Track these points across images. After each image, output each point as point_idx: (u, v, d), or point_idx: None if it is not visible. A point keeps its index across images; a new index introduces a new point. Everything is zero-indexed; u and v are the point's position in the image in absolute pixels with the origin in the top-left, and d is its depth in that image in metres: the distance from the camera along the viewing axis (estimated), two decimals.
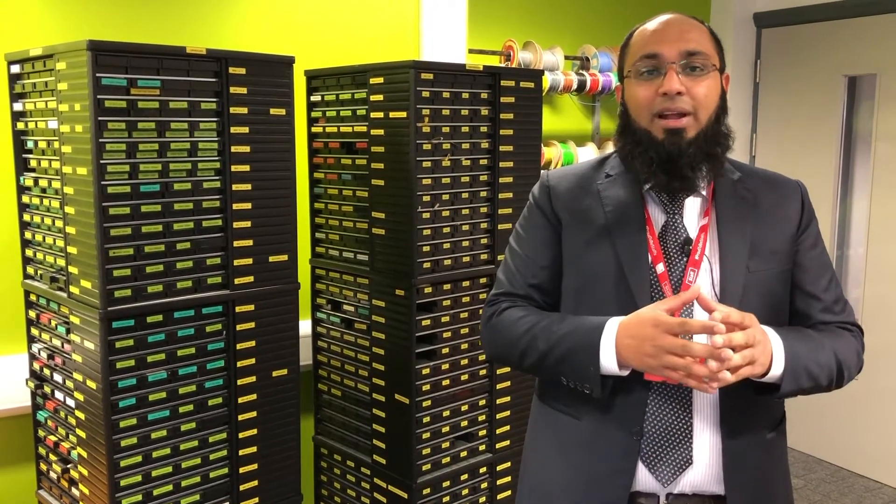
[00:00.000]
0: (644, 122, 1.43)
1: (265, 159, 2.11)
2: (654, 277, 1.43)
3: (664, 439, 1.41)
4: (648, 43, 1.43)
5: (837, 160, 4.17)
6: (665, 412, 1.41)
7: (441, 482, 2.47)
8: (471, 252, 2.47)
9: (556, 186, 1.55)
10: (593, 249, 1.47)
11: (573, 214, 1.51)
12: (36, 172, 2.14)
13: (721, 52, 1.46)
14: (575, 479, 1.48)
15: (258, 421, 2.17)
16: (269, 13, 2.82)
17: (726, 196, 1.47)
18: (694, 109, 1.40)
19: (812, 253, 1.51)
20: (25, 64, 2.10)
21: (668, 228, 1.45)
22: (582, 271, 1.49)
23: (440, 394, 2.44)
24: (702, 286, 1.41)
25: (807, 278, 1.50)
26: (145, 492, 1.99)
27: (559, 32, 3.85)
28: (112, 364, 1.91)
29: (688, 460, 1.40)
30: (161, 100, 1.92)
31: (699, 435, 1.41)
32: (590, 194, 1.51)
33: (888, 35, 3.90)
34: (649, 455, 1.42)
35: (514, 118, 2.50)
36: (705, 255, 1.43)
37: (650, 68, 1.41)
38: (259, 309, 2.14)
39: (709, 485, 1.42)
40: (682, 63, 1.39)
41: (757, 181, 1.51)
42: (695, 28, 1.44)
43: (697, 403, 1.41)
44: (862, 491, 3.93)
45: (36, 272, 2.21)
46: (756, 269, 1.44)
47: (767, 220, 1.48)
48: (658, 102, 1.40)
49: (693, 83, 1.39)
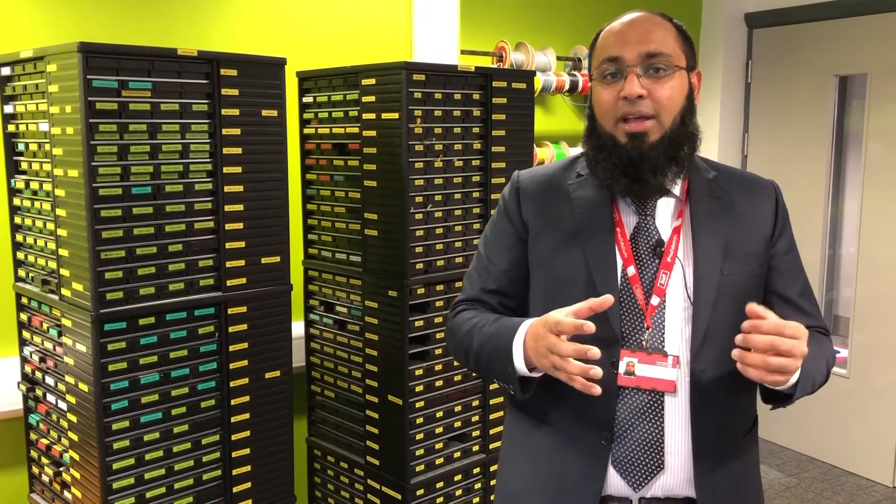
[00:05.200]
0: (608, 126, 1.40)
1: (257, 161, 2.10)
2: (626, 281, 1.41)
3: (635, 445, 1.39)
4: (610, 45, 1.40)
5: (829, 159, 4.18)
6: (636, 418, 1.39)
7: (435, 483, 2.47)
8: (463, 253, 2.47)
9: (526, 188, 1.53)
10: (562, 253, 1.45)
11: (542, 217, 1.49)
12: (27, 175, 2.14)
13: (690, 49, 1.43)
14: (545, 486, 1.46)
15: (251, 423, 2.17)
16: (260, 15, 2.82)
17: (700, 196, 1.45)
18: (656, 112, 1.37)
19: (787, 257, 1.49)
20: (16, 66, 2.09)
21: (640, 230, 1.43)
22: (551, 276, 1.46)
23: (433, 395, 2.44)
24: (674, 289, 1.40)
25: (783, 283, 1.48)
26: (138, 494, 1.99)
27: (551, 33, 3.85)
28: (104, 366, 1.90)
29: (659, 465, 1.39)
30: (152, 101, 1.91)
31: (670, 439, 1.39)
32: (560, 195, 1.49)
33: (879, 35, 3.91)
34: (620, 460, 1.40)
35: (506, 119, 2.50)
36: (678, 257, 1.41)
37: (612, 71, 1.39)
38: (252, 311, 2.13)
39: (681, 488, 1.41)
40: (643, 65, 1.37)
41: (731, 181, 1.49)
42: (658, 27, 1.40)
43: (669, 408, 1.40)
44: (854, 489, 3.94)
45: (27, 275, 2.20)
46: (730, 272, 1.41)
47: (741, 222, 1.45)
48: (620, 106, 1.37)
49: (655, 85, 1.37)
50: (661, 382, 1.37)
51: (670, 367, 1.37)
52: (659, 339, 1.40)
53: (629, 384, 1.38)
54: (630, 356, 1.38)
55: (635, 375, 1.38)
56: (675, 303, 1.40)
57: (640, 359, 1.38)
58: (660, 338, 1.40)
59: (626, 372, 1.38)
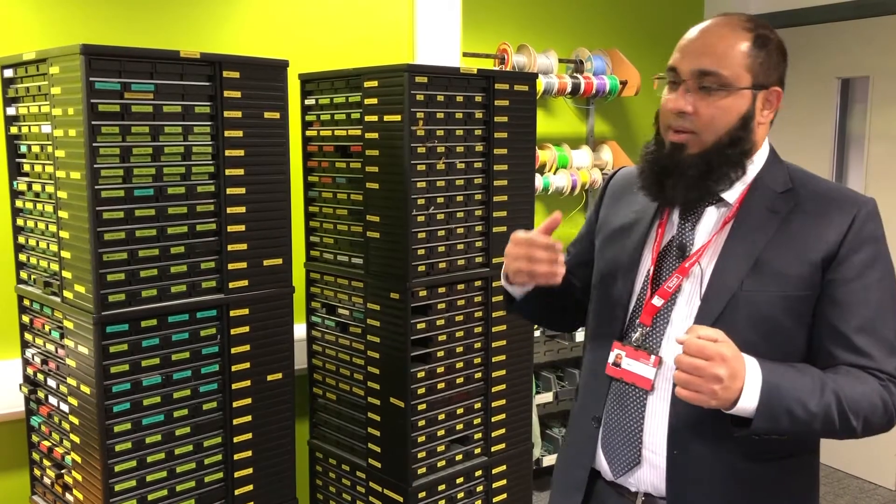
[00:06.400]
0: (662, 129, 1.45)
1: (259, 163, 2.10)
2: (646, 280, 1.47)
3: (618, 432, 1.46)
4: (675, 54, 1.42)
5: (831, 162, 4.18)
6: (620, 406, 1.46)
7: (436, 485, 2.47)
8: (465, 255, 2.47)
9: (614, 184, 1.65)
10: (609, 248, 1.57)
11: (612, 213, 1.60)
12: (29, 177, 2.14)
13: (765, 65, 1.39)
14: (563, 458, 1.64)
15: (253, 425, 2.16)
16: (263, 17, 2.82)
17: (752, 208, 1.40)
18: (697, 130, 1.37)
19: (850, 286, 1.34)
20: (19, 68, 2.10)
21: (677, 234, 1.47)
22: (600, 267, 1.58)
23: (435, 397, 2.44)
24: (687, 294, 1.42)
25: (835, 313, 1.34)
26: (140, 496, 1.98)
27: (553, 35, 3.86)
28: (106, 368, 1.90)
29: (636, 458, 1.44)
30: (155, 103, 1.91)
31: (648, 437, 1.43)
32: (630, 194, 1.56)
33: (881, 38, 3.91)
34: (606, 445, 1.49)
35: (508, 121, 2.50)
36: (698, 263, 1.41)
37: (671, 80, 1.42)
38: (254, 313, 2.13)
39: (662, 489, 1.43)
40: (694, 82, 1.37)
41: (806, 196, 1.40)
42: (723, 41, 1.37)
43: (650, 406, 1.43)
44: (857, 492, 3.93)
45: (30, 277, 2.20)
46: (751, 288, 1.35)
47: (790, 240, 1.36)
48: (669, 115, 1.41)
49: (702, 103, 1.36)
50: (640, 379, 1.44)
51: (651, 366, 1.42)
52: (656, 339, 1.43)
53: (614, 375, 1.47)
54: (620, 349, 1.47)
55: (621, 368, 1.46)
56: (683, 308, 1.42)
57: (628, 353, 1.46)
58: (657, 338, 1.43)
59: (614, 363, 1.47)
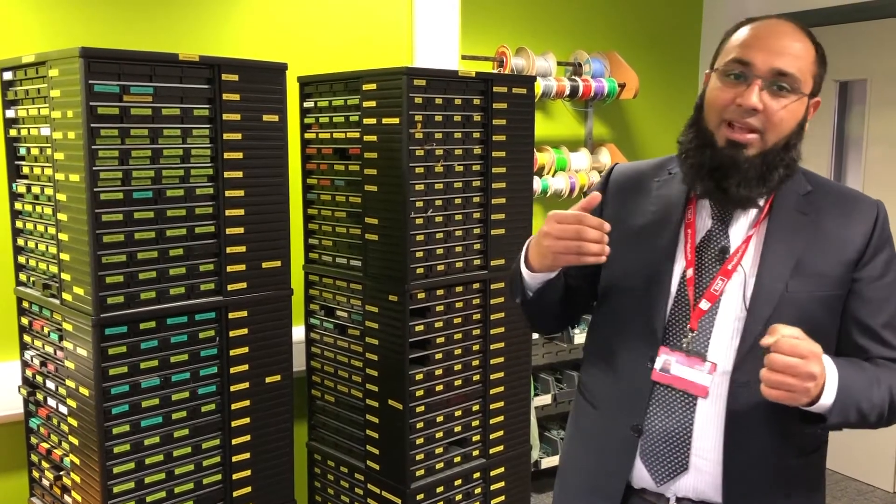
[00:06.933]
0: (712, 123, 1.39)
1: (258, 166, 2.11)
2: (683, 282, 1.42)
3: (661, 440, 1.40)
4: (745, 47, 1.36)
5: (829, 164, 4.18)
6: (666, 413, 1.40)
7: (435, 488, 2.47)
8: (464, 258, 2.47)
9: (616, 181, 1.58)
10: (627, 248, 1.48)
11: (621, 211, 1.53)
12: (28, 179, 2.14)
13: (820, 77, 1.39)
14: (585, 466, 1.54)
15: (251, 427, 2.17)
16: (262, 19, 2.82)
17: (784, 209, 1.41)
18: (764, 129, 1.35)
19: (878, 283, 1.40)
20: (18, 71, 2.10)
21: (711, 234, 1.43)
22: (615, 267, 1.49)
23: (434, 399, 2.44)
24: (730, 297, 1.39)
25: (865, 310, 1.40)
26: (138, 498, 1.99)
27: (552, 38, 3.86)
28: (105, 371, 1.91)
29: (683, 465, 1.39)
30: (154, 106, 1.92)
31: (699, 442, 1.39)
32: (643, 192, 1.52)
33: (879, 40, 3.92)
34: (647, 453, 1.42)
35: (506, 124, 2.51)
36: (740, 265, 1.39)
37: (738, 73, 1.36)
38: (252, 315, 2.13)
39: (712, 493, 1.40)
40: (769, 80, 1.34)
41: (827, 198, 1.44)
42: (801, 46, 1.36)
43: (701, 412, 1.39)
44: (854, 494, 3.94)
45: (28, 279, 2.21)
46: (796, 290, 1.37)
47: (823, 241, 1.40)
48: (732, 110, 1.36)
49: (773, 103, 1.34)
50: (694, 386, 1.38)
51: (706, 372, 1.38)
52: (703, 343, 1.39)
53: (662, 381, 1.40)
54: (668, 354, 1.41)
55: (670, 374, 1.40)
56: (729, 310, 1.40)
57: (678, 359, 1.40)
58: (704, 342, 1.39)
59: (662, 369, 1.41)
